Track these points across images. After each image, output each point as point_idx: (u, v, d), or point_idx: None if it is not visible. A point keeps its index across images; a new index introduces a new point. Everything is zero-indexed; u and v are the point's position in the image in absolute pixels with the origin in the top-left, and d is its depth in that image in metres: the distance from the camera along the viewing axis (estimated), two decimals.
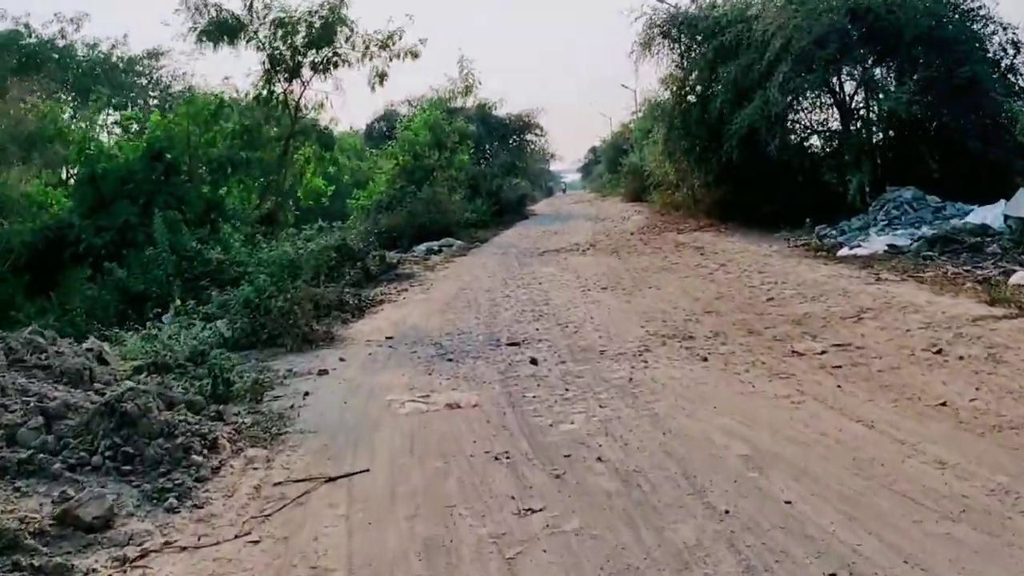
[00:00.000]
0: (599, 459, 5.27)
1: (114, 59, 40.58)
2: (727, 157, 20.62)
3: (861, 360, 7.34)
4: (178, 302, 12.25)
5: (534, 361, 8.49)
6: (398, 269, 18.18)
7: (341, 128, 57.84)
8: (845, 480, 4.67)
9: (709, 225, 22.02)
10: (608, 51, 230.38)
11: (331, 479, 5.34)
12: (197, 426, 5.83)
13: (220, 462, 5.55)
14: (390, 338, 10.53)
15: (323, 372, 8.62)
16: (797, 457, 5.04)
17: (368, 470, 5.50)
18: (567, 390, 7.25)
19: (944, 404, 5.90)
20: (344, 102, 21.87)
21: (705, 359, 7.99)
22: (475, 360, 8.86)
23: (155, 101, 40.55)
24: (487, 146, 40.37)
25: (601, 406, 6.58)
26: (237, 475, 5.47)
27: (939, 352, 7.24)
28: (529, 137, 42.02)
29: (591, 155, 77.48)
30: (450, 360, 8.98)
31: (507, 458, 5.47)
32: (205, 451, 5.49)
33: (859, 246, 14.68)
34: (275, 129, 18.04)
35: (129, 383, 6.92)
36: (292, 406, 7.28)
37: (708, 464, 5.06)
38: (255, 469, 5.59)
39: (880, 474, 4.72)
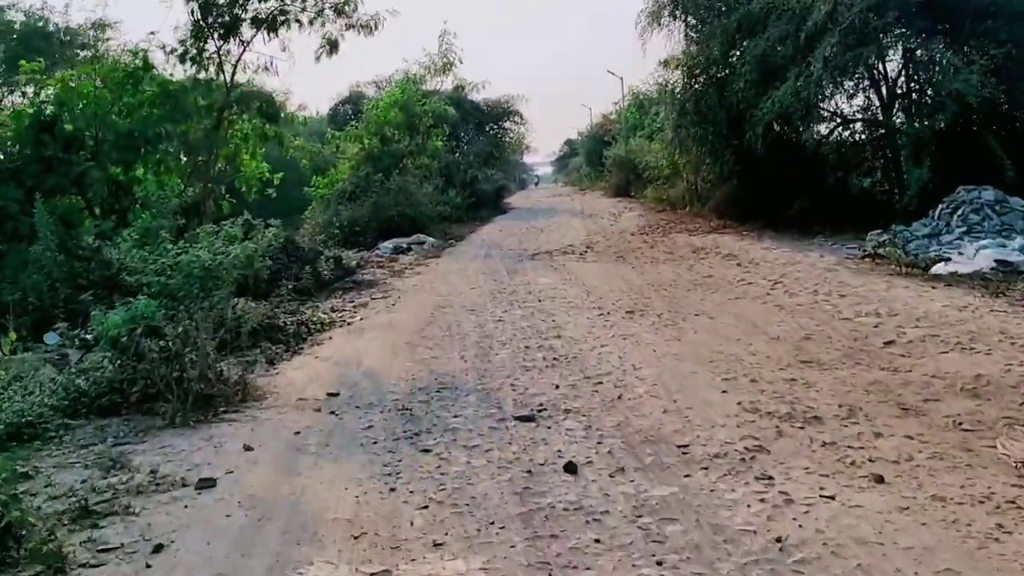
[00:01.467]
0: None
1: (50, 28, 35.98)
2: (749, 148, 17.19)
3: None
4: (12, 334, 8.37)
5: (571, 468, 4.86)
6: (357, 274, 14.43)
7: (306, 113, 53.89)
8: None
9: (723, 226, 18.52)
10: (582, 41, 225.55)
11: None
12: None
13: None
14: (333, 395, 6.84)
15: (206, 484, 4.87)
16: None
17: None
18: (659, 563, 3.64)
19: None
20: (292, 67, 17.44)
21: (880, 479, 4.42)
22: (469, 454, 5.21)
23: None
24: (462, 133, 36.57)
25: None
26: None
27: None
28: (508, 125, 38.24)
29: (566, 147, 73.99)
30: (426, 451, 5.33)
31: None
32: None
33: (949, 259, 11.28)
34: (203, 100, 14.14)
35: None
36: None
37: None
38: None
39: None
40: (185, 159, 14.33)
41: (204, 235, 9.71)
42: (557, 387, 6.69)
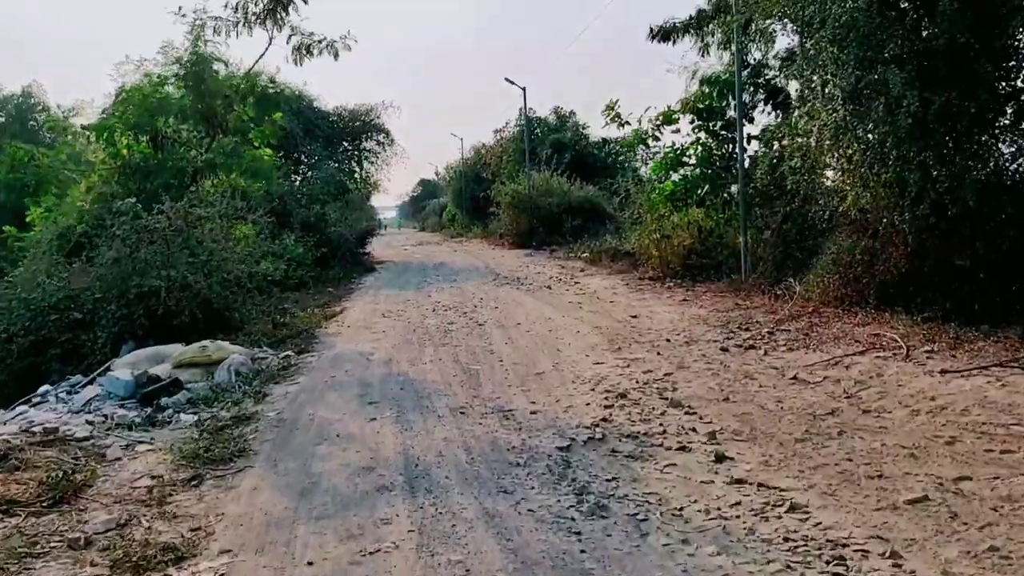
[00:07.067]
0: None
1: None
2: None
3: None
4: None
5: None
6: None
7: (81, 120, 38.30)
8: None
9: (930, 331, 7.54)
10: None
11: None
12: None
13: None
14: None
15: None
16: None
17: None
18: None
19: None
20: None
21: None
22: None
23: None
24: (301, 152, 23.90)
25: None
26: None
27: None
28: (368, 145, 25.84)
29: (420, 188, 62.32)
30: None
31: None
32: None
33: None
34: None
35: None
36: None
37: None
38: None
39: None
40: None
41: None
42: None
